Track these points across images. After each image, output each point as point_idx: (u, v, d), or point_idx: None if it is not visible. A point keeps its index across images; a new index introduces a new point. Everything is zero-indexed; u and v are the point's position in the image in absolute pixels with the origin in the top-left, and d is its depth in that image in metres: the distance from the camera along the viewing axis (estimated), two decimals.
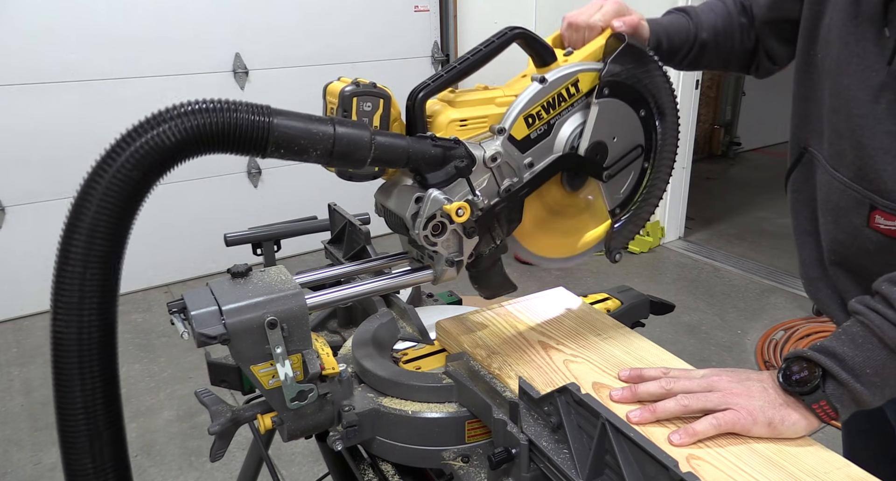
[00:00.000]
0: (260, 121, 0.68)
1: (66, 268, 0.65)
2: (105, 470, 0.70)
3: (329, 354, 0.87)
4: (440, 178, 0.82)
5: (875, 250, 0.90)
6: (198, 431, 2.55)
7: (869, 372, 0.74)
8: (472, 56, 0.87)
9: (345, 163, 0.75)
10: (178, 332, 0.74)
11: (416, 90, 0.84)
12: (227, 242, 1.30)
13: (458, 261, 0.87)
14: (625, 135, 0.95)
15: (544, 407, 0.75)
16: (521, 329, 0.99)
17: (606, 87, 0.90)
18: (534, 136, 0.89)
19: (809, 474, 0.69)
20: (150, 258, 3.70)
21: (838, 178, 0.93)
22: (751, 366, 2.92)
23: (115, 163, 0.64)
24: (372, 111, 0.80)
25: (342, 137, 0.73)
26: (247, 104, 0.68)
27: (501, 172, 0.87)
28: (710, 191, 5.34)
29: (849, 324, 0.77)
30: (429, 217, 0.82)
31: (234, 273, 0.83)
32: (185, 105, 0.65)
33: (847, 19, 0.89)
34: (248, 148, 0.68)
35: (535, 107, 0.87)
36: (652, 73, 0.94)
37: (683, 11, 1.17)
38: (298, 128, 0.70)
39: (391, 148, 0.77)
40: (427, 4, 4.24)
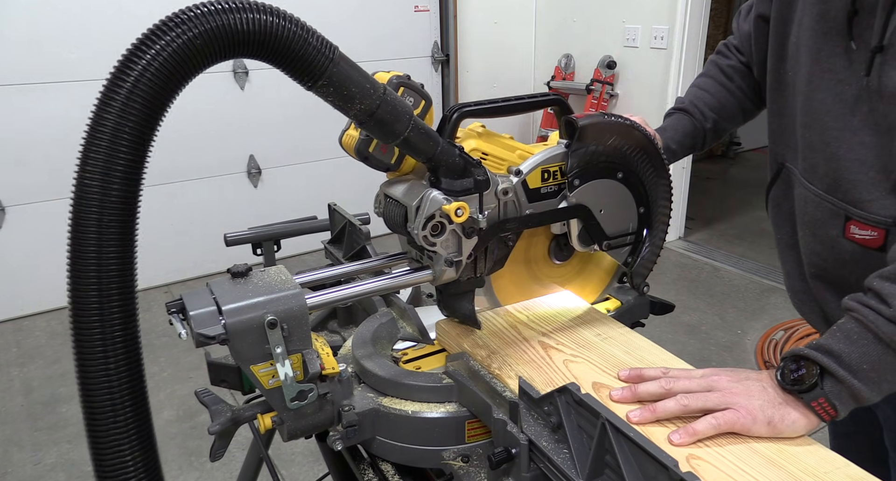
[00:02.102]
0: (326, 51, 0.68)
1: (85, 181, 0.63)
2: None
3: (329, 354, 0.87)
4: (455, 187, 0.85)
5: (851, 260, 0.93)
6: (198, 431, 2.55)
7: (866, 368, 0.74)
8: (514, 100, 0.93)
9: (380, 130, 0.76)
10: (177, 332, 0.74)
11: (458, 106, 0.88)
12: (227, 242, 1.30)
13: (457, 262, 0.88)
14: (612, 204, 0.98)
15: (544, 407, 0.75)
16: (521, 329, 0.99)
17: (576, 178, 0.92)
18: (543, 192, 0.92)
19: (809, 474, 0.69)
20: (149, 258, 3.68)
21: (813, 191, 0.96)
22: (751, 366, 2.92)
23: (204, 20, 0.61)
24: (412, 107, 0.82)
25: (389, 103, 0.74)
26: (320, 34, 0.68)
27: (506, 209, 0.89)
28: (710, 191, 5.35)
29: (843, 321, 0.78)
30: (428, 217, 0.83)
31: (234, 273, 0.83)
32: (269, 6, 0.65)
33: (815, 36, 0.92)
34: (304, 71, 0.68)
35: (553, 165, 0.91)
36: (619, 140, 0.94)
37: (683, 110, 1.24)
38: (355, 75, 0.71)
39: (425, 136, 0.80)
40: (427, 4, 4.24)
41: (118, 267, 0.65)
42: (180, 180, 3.69)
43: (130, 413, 0.69)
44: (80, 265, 0.65)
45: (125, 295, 0.66)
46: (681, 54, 3.83)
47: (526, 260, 1.02)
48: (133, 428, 0.69)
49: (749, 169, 6.06)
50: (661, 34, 3.86)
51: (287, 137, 3.93)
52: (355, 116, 0.74)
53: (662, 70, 3.91)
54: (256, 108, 3.78)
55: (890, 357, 0.74)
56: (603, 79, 4.11)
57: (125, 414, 0.68)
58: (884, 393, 0.76)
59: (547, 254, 1.03)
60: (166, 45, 0.61)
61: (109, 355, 0.66)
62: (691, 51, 3.86)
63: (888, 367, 0.74)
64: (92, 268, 0.65)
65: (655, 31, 3.89)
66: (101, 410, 0.67)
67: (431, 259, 0.89)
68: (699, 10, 3.81)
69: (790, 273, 1.13)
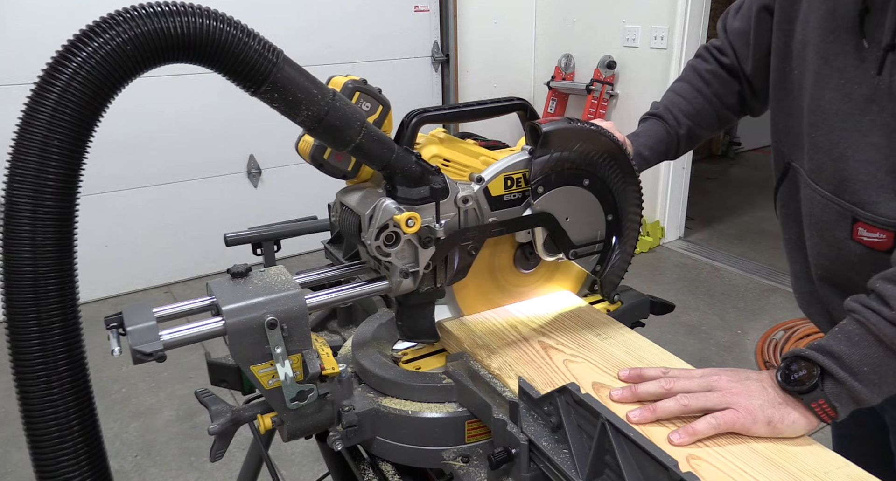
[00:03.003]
0: (269, 55, 0.66)
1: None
2: None
3: (329, 354, 0.87)
4: (411, 196, 0.82)
5: (859, 263, 0.91)
6: (198, 431, 2.55)
7: (866, 370, 0.74)
8: (477, 105, 0.90)
9: (330, 137, 0.74)
10: (110, 349, 0.70)
11: (416, 111, 0.85)
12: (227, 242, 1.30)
13: (413, 272, 0.85)
14: (578, 212, 0.95)
15: (544, 407, 0.75)
16: (521, 329, 0.99)
17: (540, 185, 0.90)
18: (506, 199, 0.89)
19: (809, 474, 0.69)
20: (149, 258, 3.71)
21: (819, 192, 0.94)
22: (751, 366, 2.92)
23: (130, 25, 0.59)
24: (368, 113, 0.80)
25: (338, 109, 0.72)
26: (263, 38, 0.66)
27: (467, 217, 0.87)
28: (710, 191, 5.35)
29: (845, 323, 0.78)
30: (381, 227, 0.81)
31: (233, 273, 0.83)
32: (206, 9, 0.62)
33: (824, 35, 0.89)
34: (245, 76, 0.66)
35: (517, 172, 0.89)
36: (584, 146, 0.92)
37: (657, 116, 1.23)
38: (301, 80, 0.69)
39: (378, 143, 0.77)
40: (427, 4, 4.24)
41: (57, 285, 0.62)
42: (180, 180, 3.69)
43: (80, 438, 0.65)
44: (16, 286, 0.60)
45: (66, 314, 0.63)
46: (681, 54, 3.83)
47: (490, 269, 1.00)
48: (84, 456, 0.65)
49: (749, 169, 6.06)
50: (661, 34, 3.86)
51: (287, 137, 3.87)
52: (303, 123, 0.72)
53: (662, 70, 3.91)
54: (256, 107, 3.74)
55: (891, 359, 0.74)
56: (603, 79, 4.11)
57: (73, 440, 0.64)
58: (884, 395, 0.76)
59: (512, 263, 1.01)
60: (94, 52, 0.58)
61: (53, 378, 0.62)
62: (691, 51, 3.85)
63: (889, 370, 0.74)
64: (28, 289, 0.60)
65: (655, 31, 3.88)
66: (47, 437, 0.63)
67: (388, 269, 0.86)
68: (699, 10, 3.81)
69: (797, 274, 1.11)
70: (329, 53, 3.93)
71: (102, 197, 3.50)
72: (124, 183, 3.56)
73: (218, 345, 0.77)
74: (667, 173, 4.10)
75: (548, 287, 1.08)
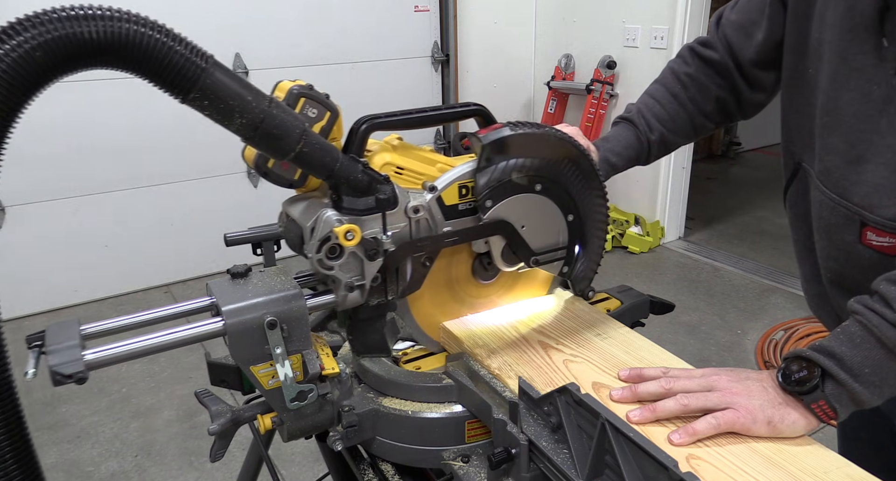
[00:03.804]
0: (196, 60, 0.62)
1: None
2: None
3: (329, 354, 0.87)
4: (357, 206, 0.79)
5: (869, 267, 0.88)
6: (198, 431, 2.55)
7: (867, 372, 0.73)
8: (430, 111, 0.87)
9: (268, 146, 0.71)
10: (24, 371, 0.66)
11: (366, 117, 0.82)
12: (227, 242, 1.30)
13: (359, 286, 0.82)
14: (535, 218, 0.92)
15: (544, 407, 0.75)
16: (521, 329, 0.99)
17: (489, 200, 0.87)
18: (461, 208, 0.87)
19: (809, 474, 0.69)
20: (149, 258, 3.71)
21: (828, 195, 0.91)
22: (751, 366, 2.92)
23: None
24: (315, 119, 0.77)
25: (275, 117, 0.69)
26: (192, 43, 0.63)
27: (419, 227, 0.84)
28: (710, 191, 5.35)
29: (847, 324, 0.77)
30: (322, 239, 0.77)
31: (233, 273, 0.83)
32: (125, 13, 0.59)
33: (841, 33, 0.86)
34: (171, 82, 0.62)
35: (470, 180, 0.86)
36: (532, 151, 0.89)
37: (628, 120, 1.19)
38: (234, 87, 0.66)
39: (320, 152, 0.74)
40: (427, 4, 4.24)
41: None
42: (180, 180, 3.69)
43: (12, 460, 0.63)
44: None
45: None
46: None
47: (448, 280, 0.97)
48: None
49: (749, 169, 6.06)
50: (661, 34, 3.86)
51: None
52: (237, 131, 0.69)
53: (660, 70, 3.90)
54: None
55: (892, 361, 0.73)
56: (603, 79, 4.11)
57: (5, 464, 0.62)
58: (884, 397, 0.75)
59: (471, 274, 0.98)
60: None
61: None
62: None
63: (890, 372, 0.74)
64: None
65: (655, 31, 3.88)
66: None
67: (333, 283, 0.83)
68: (699, 10, 3.81)
69: (807, 276, 1.07)
70: (329, 53, 3.93)
71: (102, 197, 3.51)
72: (124, 183, 3.56)
73: (218, 345, 0.77)
74: (667, 173, 4.10)
75: (510, 296, 1.05)
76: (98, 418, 2.65)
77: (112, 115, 3.38)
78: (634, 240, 4.15)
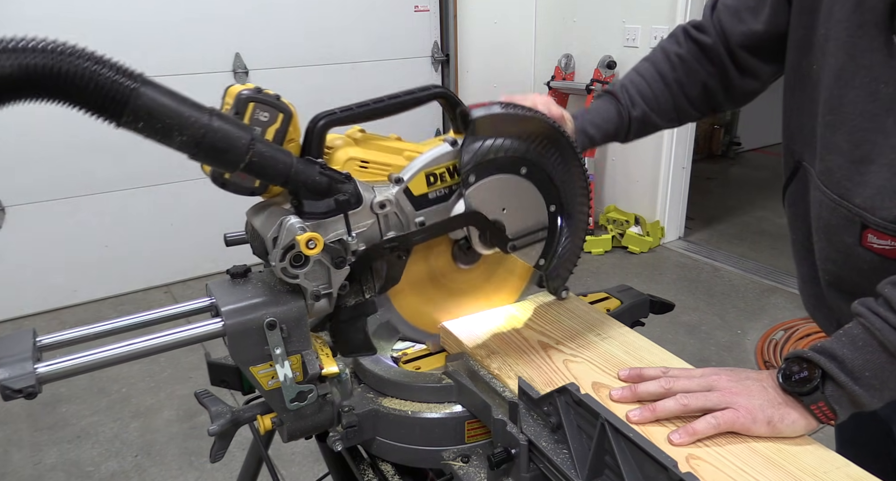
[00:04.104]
0: (123, 83, 0.60)
1: None
2: None
3: (328, 355, 0.87)
4: (318, 209, 0.77)
5: (870, 270, 0.87)
6: (198, 431, 2.55)
7: (868, 375, 0.73)
8: (389, 99, 0.82)
9: (214, 161, 0.69)
10: None
11: (320, 116, 0.79)
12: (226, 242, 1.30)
13: (326, 294, 0.80)
14: (516, 202, 0.89)
15: (544, 407, 0.75)
16: (520, 329, 0.99)
17: (471, 174, 0.85)
18: (432, 197, 0.84)
19: (809, 474, 0.69)
20: (149, 258, 3.71)
21: (828, 196, 0.89)
22: (751, 366, 2.92)
23: None
24: (268, 123, 0.75)
25: (217, 130, 0.66)
26: (118, 64, 0.61)
27: (388, 222, 0.82)
28: (710, 191, 5.34)
29: (850, 326, 0.77)
30: (286, 247, 0.75)
31: (233, 273, 0.83)
32: (40, 43, 0.57)
33: (850, 29, 0.84)
34: (99, 108, 0.61)
35: (439, 167, 0.84)
36: (520, 132, 0.87)
37: (611, 94, 1.16)
38: (169, 105, 0.64)
39: (271, 160, 0.71)
40: (427, 4, 4.24)
41: None
42: (180, 180, 3.68)
43: None
44: None
45: None
46: None
47: (428, 270, 0.93)
48: None
49: (749, 169, 6.06)
50: (661, 34, 3.86)
51: None
52: (180, 149, 0.66)
53: None
54: None
55: (893, 366, 0.73)
56: (603, 79, 4.10)
57: None
58: (885, 400, 0.75)
59: (451, 260, 0.94)
60: None
61: None
62: None
63: (891, 376, 0.73)
64: None
65: (655, 31, 3.88)
66: None
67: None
68: (699, 10, 3.80)
69: (804, 277, 1.06)
70: (330, 53, 3.93)
71: (102, 197, 3.51)
72: (124, 183, 3.56)
73: (218, 345, 0.77)
74: (667, 173, 4.10)
75: (491, 284, 1.02)
76: (98, 418, 2.65)
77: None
78: (634, 240, 4.15)
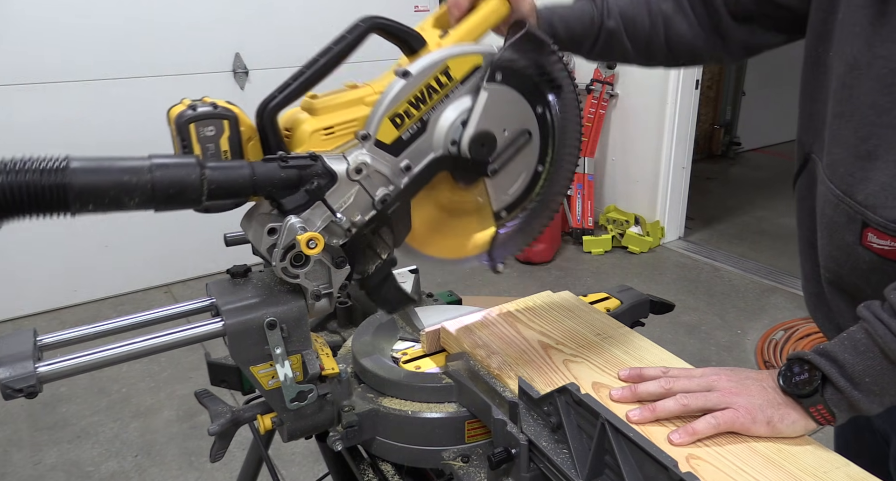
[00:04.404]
0: (53, 180, 0.60)
1: None
2: None
3: (329, 355, 0.87)
4: (296, 203, 0.74)
5: (869, 270, 0.85)
6: (198, 431, 2.55)
7: (868, 381, 0.73)
8: (322, 57, 0.76)
9: (176, 206, 0.67)
10: None
11: (263, 104, 0.75)
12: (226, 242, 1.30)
13: (326, 294, 0.79)
14: (517, 130, 0.85)
15: (544, 407, 0.75)
16: (521, 329, 0.99)
17: (499, 71, 0.80)
18: (406, 137, 0.79)
19: (809, 473, 0.69)
20: (149, 258, 3.71)
21: (832, 191, 0.86)
22: (751, 366, 2.92)
23: None
24: (216, 135, 0.72)
25: (161, 180, 0.64)
26: (36, 161, 0.61)
27: (373, 183, 0.78)
28: (710, 191, 5.34)
29: (854, 330, 0.76)
30: (287, 247, 0.73)
31: (233, 273, 0.83)
32: None
33: (872, 17, 0.79)
34: (47, 210, 0.62)
35: (401, 105, 0.77)
36: (553, 67, 0.84)
37: (592, 22, 1.06)
38: (104, 178, 0.63)
39: (230, 180, 0.69)
40: (427, 4, 4.24)
41: None
42: None
43: None
44: None
45: None
46: None
47: (436, 204, 0.88)
48: None
49: (749, 169, 6.05)
50: None
51: None
52: (139, 209, 0.65)
53: (662, 70, 3.90)
54: None
55: (894, 373, 0.72)
56: (603, 79, 4.10)
57: None
58: (885, 406, 0.75)
59: (455, 184, 0.87)
60: None
61: None
62: None
63: (891, 382, 0.73)
64: None
65: None
66: None
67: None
68: None
69: (807, 274, 1.04)
70: None
71: None
72: None
73: (218, 345, 0.77)
74: (667, 173, 4.10)
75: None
76: (98, 418, 2.65)
77: (112, 114, 3.38)
78: (634, 240, 4.15)
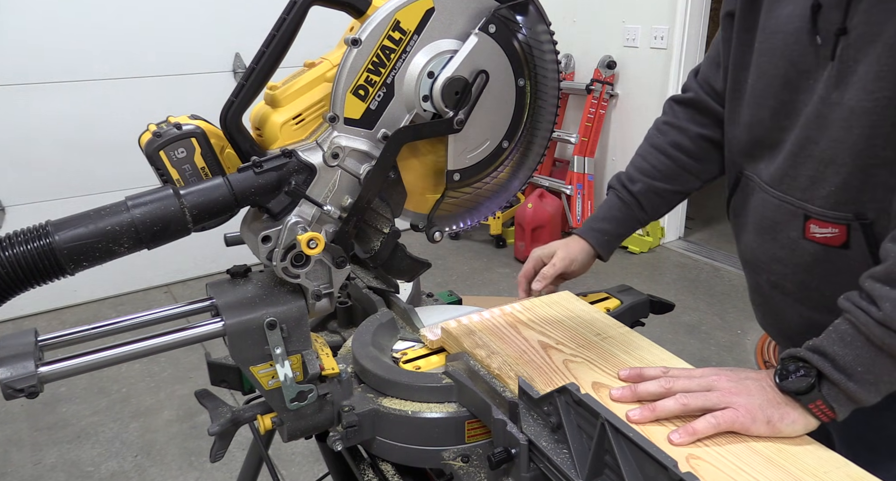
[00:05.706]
0: (41, 248, 0.61)
1: None
2: None
3: (329, 355, 0.87)
4: (281, 205, 0.74)
5: (813, 262, 0.92)
6: (198, 431, 2.55)
7: (860, 370, 0.74)
8: (267, 48, 0.73)
9: (166, 239, 0.67)
10: None
11: (223, 113, 0.74)
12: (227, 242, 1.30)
13: (327, 294, 0.79)
14: (492, 93, 0.81)
15: (544, 407, 0.75)
16: (521, 329, 0.99)
17: (494, 24, 0.78)
18: (375, 106, 0.76)
19: (809, 473, 0.69)
20: (149, 258, 3.68)
21: (774, 194, 0.95)
22: (751, 366, 2.92)
23: None
24: (188, 155, 0.72)
25: (143, 220, 0.64)
26: (19, 234, 0.62)
27: (355, 160, 0.76)
28: (710, 192, 5.33)
29: (839, 322, 0.77)
30: (287, 247, 0.73)
31: (233, 273, 0.83)
32: None
33: (785, 37, 0.90)
34: (46, 278, 0.62)
35: (360, 76, 0.74)
36: (544, 46, 0.84)
37: (611, 188, 1.24)
38: (88, 232, 0.63)
39: (210, 201, 0.68)
40: None
41: None
42: None
43: None
44: None
45: None
46: (681, 54, 3.83)
47: (426, 164, 0.85)
48: None
49: None
50: (661, 34, 3.86)
51: None
52: (131, 252, 0.65)
53: (662, 70, 3.90)
54: None
55: (883, 359, 0.73)
56: (603, 79, 4.11)
57: None
58: (882, 394, 0.75)
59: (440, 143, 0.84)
60: None
61: None
62: (691, 51, 3.86)
63: (883, 369, 0.74)
64: None
65: (655, 31, 3.88)
66: None
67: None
68: (699, 10, 3.81)
69: (752, 286, 1.12)
70: None
71: (102, 197, 3.48)
72: (124, 183, 3.54)
73: (218, 345, 0.77)
74: None
75: None
76: (98, 418, 2.65)
77: (112, 115, 3.38)
78: (634, 240, 4.15)
